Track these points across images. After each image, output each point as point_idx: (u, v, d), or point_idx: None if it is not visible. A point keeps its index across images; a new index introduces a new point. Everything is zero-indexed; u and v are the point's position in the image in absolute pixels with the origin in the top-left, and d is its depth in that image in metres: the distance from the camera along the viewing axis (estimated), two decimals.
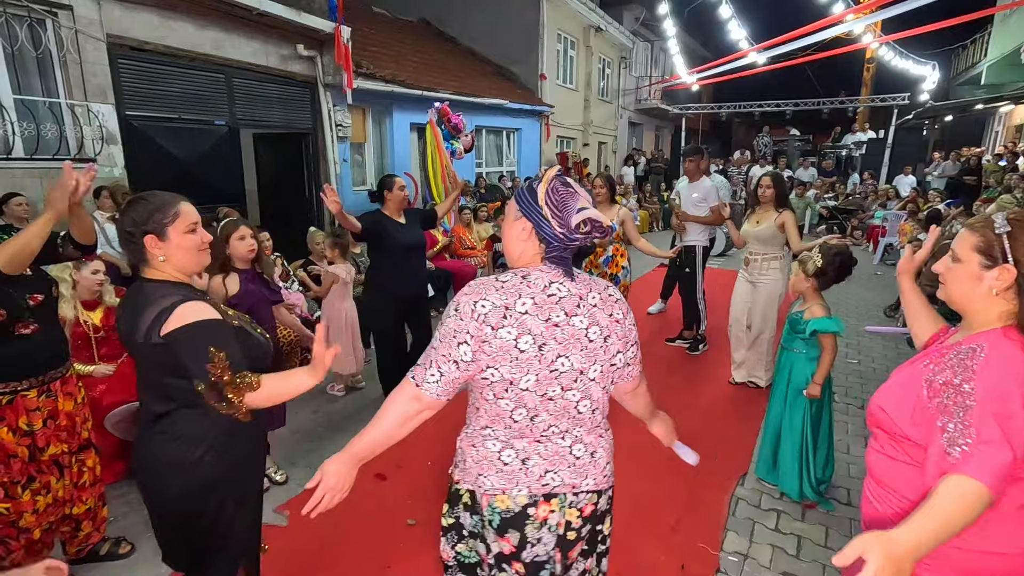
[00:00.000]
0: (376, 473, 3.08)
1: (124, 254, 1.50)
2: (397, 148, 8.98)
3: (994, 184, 9.27)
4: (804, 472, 2.83)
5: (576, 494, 1.37)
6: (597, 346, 1.32)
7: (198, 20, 5.63)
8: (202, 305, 1.42)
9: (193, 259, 1.52)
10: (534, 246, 1.34)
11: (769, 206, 3.93)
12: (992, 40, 13.98)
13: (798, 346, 2.82)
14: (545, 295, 1.28)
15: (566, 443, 1.36)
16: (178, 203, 1.49)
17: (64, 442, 2.13)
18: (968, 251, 1.18)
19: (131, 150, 5.23)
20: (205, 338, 1.37)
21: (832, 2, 12.39)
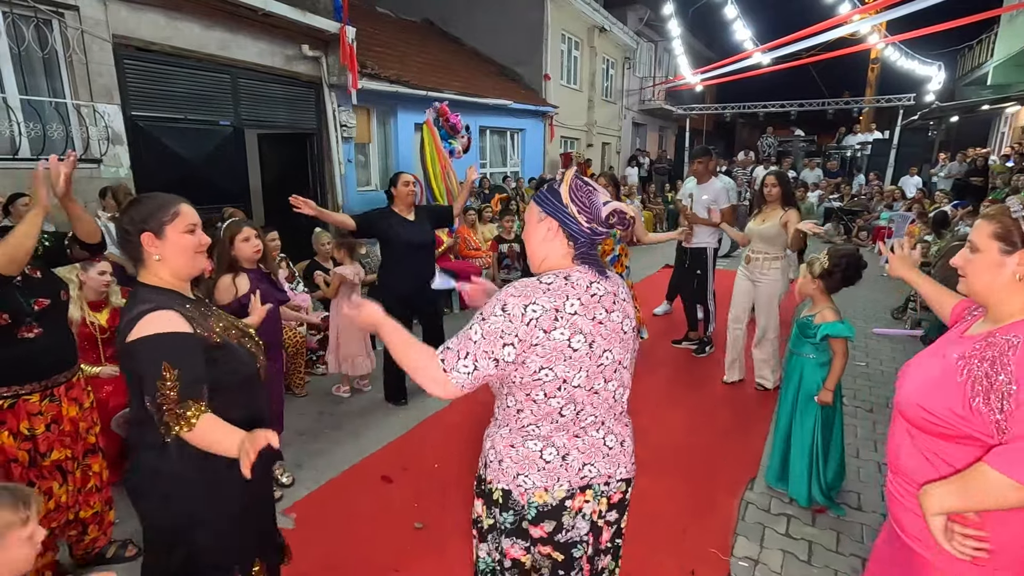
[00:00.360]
0: (382, 476, 3.07)
1: (123, 253, 1.47)
2: (401, 148, 8.98)
3: (1001, 185, 9.21)
4: (814, 477, 2.81)
5: (607, 483, 1.42)
6: (630, 337, 1.42)
7: (204, 20, 5.63)
8: (171, 315, 1.35)
9: (189, 261, 1.47)
10: (562, 246, 1.37)
11: (775, 205, 3.91)
12: (999, 40, 13.90)
13: (808, 350, 2.79)
14: (589, 295, 1.32)
15: (600, 435, 1.41)
16: (178, 203, 1.46)
17: (67, 447, 2.10)
18: (986, 239, 1.19)
19: (137, 150, 5.23)
20: (161, 352, 1.29)
21: (838, 2, 12.34)
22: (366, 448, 3.36)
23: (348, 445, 3.41)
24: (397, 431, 3.59)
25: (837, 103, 16.49)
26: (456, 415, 3.85)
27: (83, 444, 2.17)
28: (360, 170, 8.49)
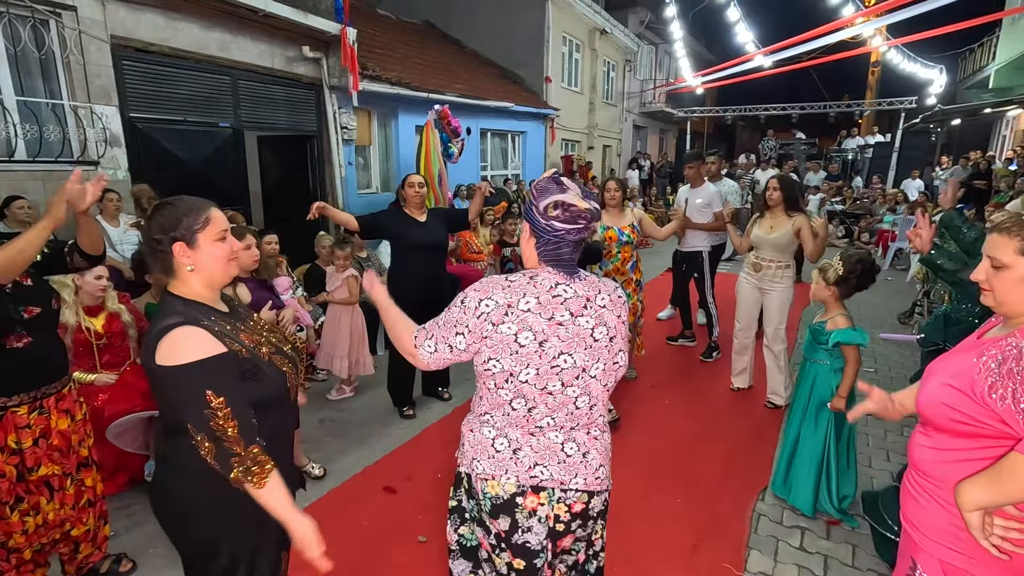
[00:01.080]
0: (385, 486, 2.99)
1: (151, 264, 1.37)
2: (403, 151, 8.91)
3: (1005, 188, 9.17)
4: (824, 487, 2.74)
5: (564, 490, 1.41)
6: (602, 345, 1.40)
7: (204, 21, 5.57)
8: (198, 333, 1.25)
9: (223, 269, 1.39)
10: (533, 245, 1.43)
11: (779, 210, 3.79)
12: (1000, 44, 13.89)
13: (821, 357, 2.74)
14: (550, 296, 1.37)
15: (558, 440, 1.41)
16: (208, 208, 1.37)
17: (57, 463, 2.02)
18: (1012, 255, 1.19)
19: (135, 152, 5.16)
20: (200, 380, 1.21)
21: (841, 5, 12.32)
22: (368, 457, 3.29)
23: (350, 454, 3.33)
24: (399, 440, 3.52)
25: (839, 106, 16.46)
26: (459, 424, 3.77)
27: (76, 458, 2.09)
28: (361, 172, 8.43)
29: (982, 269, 1.24)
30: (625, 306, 1.48)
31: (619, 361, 1.46)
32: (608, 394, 1.48)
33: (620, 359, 1.46)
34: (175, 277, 1.35)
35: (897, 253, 9.02)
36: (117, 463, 2.82)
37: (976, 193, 9.93)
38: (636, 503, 2.85)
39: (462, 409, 3.97)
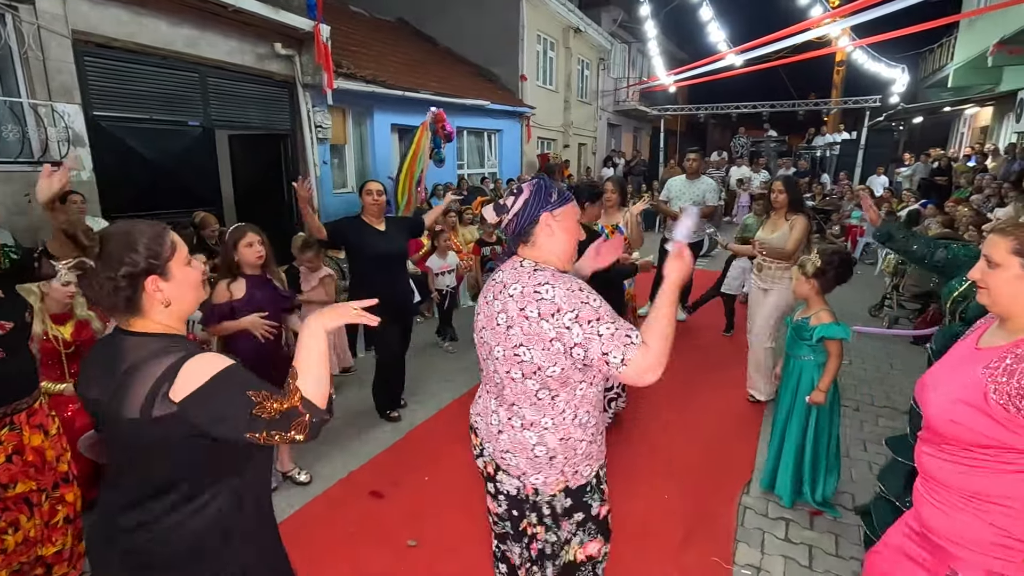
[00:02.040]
0: (371, 491, 2.95)
1: (110, 306, 1.14)
2: (378, 150, 8.81)
3: (965, 184, 9.51)
4: (807, 479, 2.80)
5: (483, 448, 1.66)
6: (501, 331, 1.50)
7: (170, 16, 5.39)
8: (211, 355, 1.13)
9: (195, 297, 1.24)
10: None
11: (782, 212, 3.81)
12: (958, 45, 14.40)
13: (804, 353, 2.78)
14: (491, 280, 1.62)
15: (491, 405, 1.62)
16: (167, 231, 1.19)
17: (32, 479, 1.93)
18: (1006, 255, 1.22)
19: (99, 152, 4.97)
20: (239, 385, 1.09)
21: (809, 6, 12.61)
22: (353, 462, 3.23)
23: (334, 459, 3.27)
24: (384, 444, 3.46)
25: (807, 104, 16.86)
26: (445, 426, 3.74)
27: (54, 474, 2.00)
28: (336, 172, 8.29)
29: (978, 268, 1.28)
30: (541, 304, 1.41)
31: (520, 355, 1.45)
32: (516, 385, 1.49)
33: (522, 354, 1.44)
34: (141, 315, 1.15)
35: (866, 247, 9.27)
36: (90, 477, 2.70)
37: (937, 189, 10.29)
38: (624, 500, 2.86)
39: (444, 411, 3.94)
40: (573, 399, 1.51)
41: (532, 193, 1.53)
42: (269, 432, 1.07)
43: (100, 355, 1.18)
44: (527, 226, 1.52)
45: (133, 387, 1.07)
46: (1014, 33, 9.35)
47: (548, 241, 1.53)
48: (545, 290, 1.42)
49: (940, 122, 17.77)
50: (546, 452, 1.52)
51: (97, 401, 1.13)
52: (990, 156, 11.13)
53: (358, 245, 3.53)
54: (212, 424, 1.07)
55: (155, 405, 1.05)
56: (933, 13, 10.40)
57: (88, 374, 1.18)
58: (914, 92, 18.60)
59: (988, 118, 13.94)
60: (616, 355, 1.34)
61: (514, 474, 1.58)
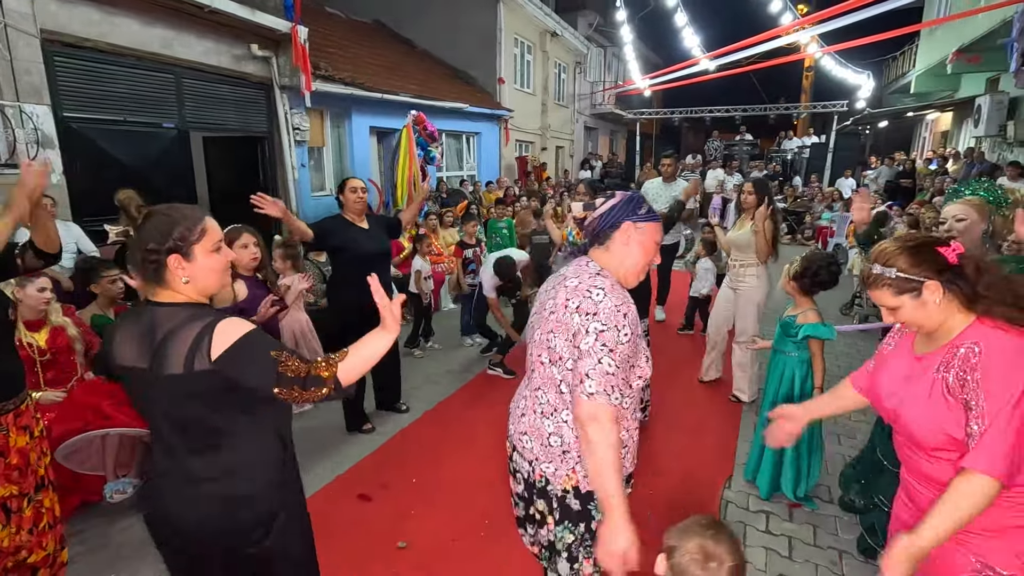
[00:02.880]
0: (359, 494, 2.94)
1: (141, 273, 1.30)
2: (357, 152, 8.75)
3: (927, 186, 9.89)
4: (788, 473, 2.89)
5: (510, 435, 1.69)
6: (545, 316, 1.55)
7: (143, 16, 5.29)
8: (238, 319, 1.29)
9: (218, 281, 1.38)
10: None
11: (752, 212, 3.87)
12: (920, 52, 14.95)
13: (789, 349, 2.88)
14: (554, 273, 1.70)
15: (520, 392, 1.70)
16: (204, 218, 1.34)
17: (15, 483, 1.89)
18: (892, 299, 1.33)
19: (70, 154, 4.85)
20: (263, 345, 1.25)
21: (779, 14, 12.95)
22: (340, 465, 3.22)
23: (320, 463, 3.25)
24: (370, 446, 3.45)
25: (778, 108, 17.28)
26: (431, 427, 3.75)
27: (34, 478, 1.96)
28: (314, 174, 8.21)
29: (886, 313, 1.38)
30: (582, 298, 1.44)
31: (549, 340, 1.49)
32: (544, 370, 1.54)
33: (551, 341, 1.49)
34: (167, 287, 1.30)
35: (836, 248, 9.55)
36: (68, 486, 2.64)
37: (903, 191, 10.67)
38: None
39: (430, 413, 3.95)
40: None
41: (623, 200, 1.57)
42: (290, 388, 1.22)
43: (133, 326, 1.30)
44: (607, 229, 1.55)
45: (174, 348, 1.22)
46: (972, 42, 9.76)
47: (622, 249, 1.55)
48: (596, 293, 1.44)
49: (903, 126, 18.40)
50: (560, 444, 1.53)
51: (134, 369, 1.28)
52: (951, 160, 11.59)
53: (343, 244, 3.50)
54: (244, 376, 1.23)
55: (195, 361, 1.20)
56: (896, 22, 10.81)
57: (124, 345, 1.30)
58: (879, 97, 19.22)
59: (948, 123, 14.49)
60: (591, 386, 1.36)
61: (527, 457, 1.60)
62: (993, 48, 9.10)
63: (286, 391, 1.22)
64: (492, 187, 11.04)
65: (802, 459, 2.88)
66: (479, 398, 4.20)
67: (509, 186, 11.07)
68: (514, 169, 13.72)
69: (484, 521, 2.73)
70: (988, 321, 1.27)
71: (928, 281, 1.28)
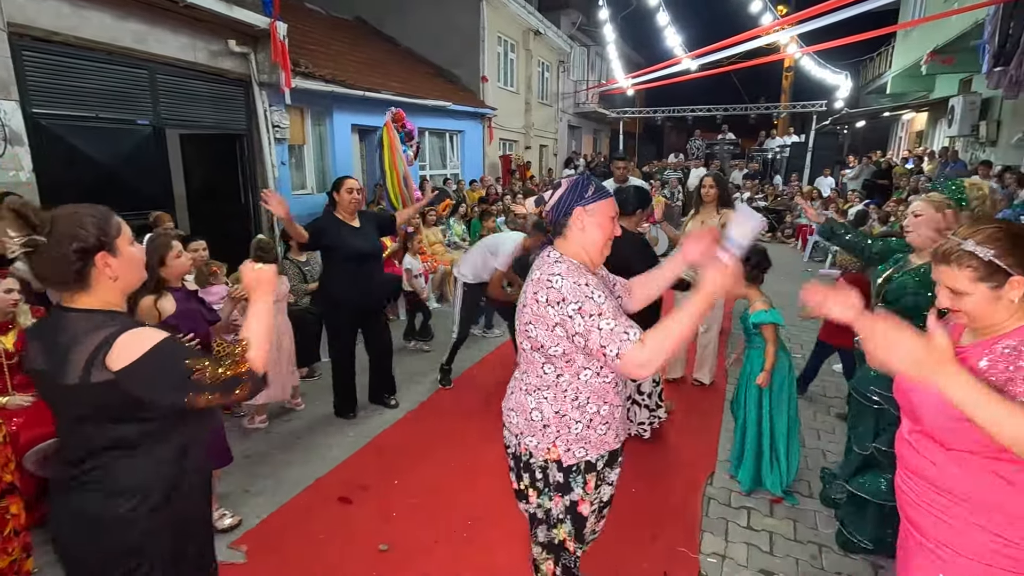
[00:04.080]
0: (340, 496, 2.90)
1: (59, 279, 1.24)
2: (338, 150, 8.65)
3: (904, 185, 10.08)
4: (767, 466, 2.92)
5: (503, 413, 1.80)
6: (520, 307, 1.66)
7: (116, 10, 5.15)
8: (148, 329, 1.24)
9: (139, 275, 1.35)
10: None
11: (712, 206, 4.06)
12: (896, 53, 15.23)
13: (756, 342, 2.95)
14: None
15: (515, 371, 1.80)
16: (112, 213, 1.30)
17: None
18: (968, 284, 1.19)
19: (40, 152, 4.70)
20: (174, 357, 1.19)
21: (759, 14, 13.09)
22: (319, 468, 3.17)
23: (299, 466, 3.20)
24: (350, 448, 3.41)
25: (758, 108, 17.48)
26: (414, 427, 3.72)
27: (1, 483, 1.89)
28: (295, 173, 8.10)
29: (945, 297, 1.25)
30: (548, 291, 1.54)
31: (528, 331, 1.61)
32: (526, 355, 1.67)
33: (531, 331, 1.59)
34: (89, 291, 1.25)
35: (815, 246, 9.69)
36: (36, 493, 2.56)
37: (880, 190, 10.86)
38: None
39: (411, 414, 3.91)
40: (575, 381, 1.61)
41: (568, 187, 1.62)
42: (211, 395, 1.19)
43: (43, 329, 1.28)
44: (562, 218, 1.62)
45: (74, 355, 1.17)
46: (945, 44, 9.96)
47: (579, 235, 1.61)
48: (555, 280, 1.54)
49: (880, 126, 18.73)
50: (541, 419, 1.64)
51: (41, 372, 1.24)
52: (926, 159, 11.82)
53: (335, 243, 3.48)
54: (149, 392, 1.19)
55: (92, 372, 1.16)
56: (873, 23, 11.00)
57: (33, 347, 1.27)
58: (856, 98, 19.55)
59: (923, 123, 14.79)
60: (612, 348, 1.43)
61: (513, 431, 1.73)
62: (966, 49, 9.29)
63: (207, 398, 1.19)
64: (476, 185, 11.00)
65: (777, 448, 2.92)
66: (462, 399, 4.17)
67: (492, 184, 11.04)
68: (498, 167, 13.69)
69: (467, 522, 2.71)
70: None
71: (1018, 277, 1.15)
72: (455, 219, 7.72)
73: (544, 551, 1.85)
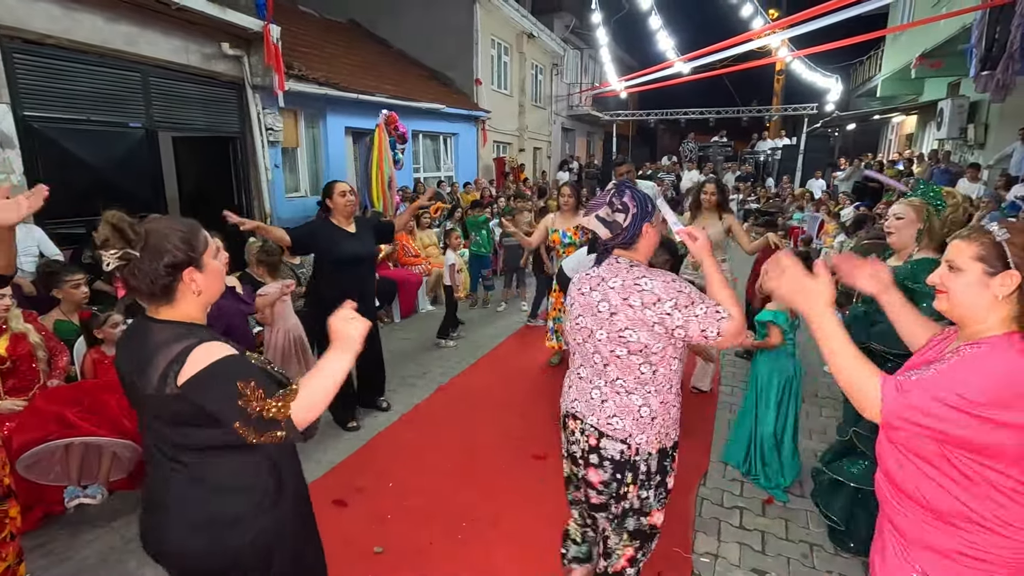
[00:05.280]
0: (334, 499, 2.90)
1: (148, 293, 1.25)
2: (332, 153, 8.65)
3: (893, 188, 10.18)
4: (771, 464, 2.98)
5: (584, 422, 1.85)
6: (604, 317, 1.75)
7: (107, 13, 5.14)
8: (218, 344, 1.24)
9: (220, 286, 1.37)
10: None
11: (712, 211, 4.11)
12: (885, 57, 15.39)
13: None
14: (586, 276, 1.87)
15: (588, 385, 1.86)
16: (199, 227, 1.32)
17: None
18: (968, 261, 1.20)
19: (31, 155, 4.68)
20: (229, 375, 1.19)
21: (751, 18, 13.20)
22: (314, 471, 3.16)
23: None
24: (344, 452, 3.41)
25: (751, 111, 17.61)
26: (408, 431, 3.72)
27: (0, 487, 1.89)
28: (288, 175, 8.09)
29: (938, 273, 1.27)
30: (643, 295, 1.67)
31: (626, 336, 1.71)
32: (621, 362, 1.75)
33: (628, 336, 1.70)
34: (173, 304, 1.28)
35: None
36: (30, 498, 2.55)
37: (871, 192, 10.96)
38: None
39: (407, 417, 3.91)
40: (669, 372, 1.79)
41: (639, 211, 1.76)
42: (245, 427, 1.17)
43: (130, 337, 1.32)
44: (635, 235, 1.77)
45: (152, 366, 1.20)
46: (934, 48, 10.08)
47: (645, 244, 1.81)
48: (644, 283, 1.70)
49: (870, 129, 18.91)
50: (649, 413, 1.78)
51: (125, 376, 1.28)
52: (915, 162, 11.95)
53: (328, 249, 3.45)
54: (210, 405, 1.19)
55: (167, 384, 1.19)
56: (863, 28, 11.11)
57: (121, 353, 1.33)
58: (847, 101, 19.74)
59: (913, 126, 14.94)
60: (712, 330, 1.63)
61: (619, 437, 1.79)
62: (954, 53, 9.40)
63: (242, 428, 1.17)
64: (470, 188, 11.03)
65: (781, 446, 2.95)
66: (456, 400, 4.18)
67: (486, 187, 11.06)
68: (492, 170, 13.71)
69: (462, 523, 2.72)
70: (1018, 337, 1.16)
71: (1013, 271, 1.15)
72: (452, 222, 7.73)
73: (631, 538, 1.94)
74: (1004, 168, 8.43)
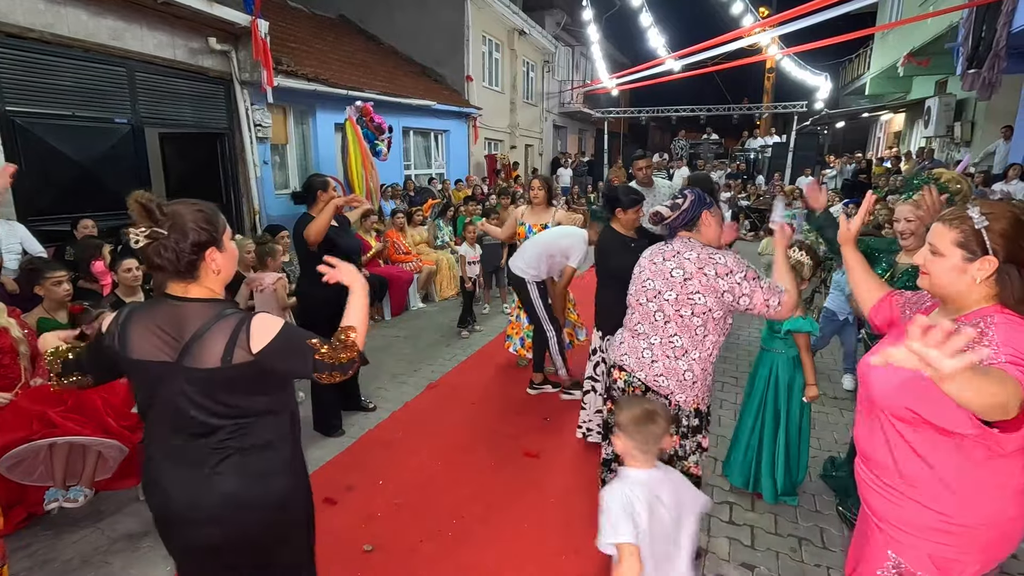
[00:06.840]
0: (324, 498, 2.87)
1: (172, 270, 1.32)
2: (321, 149, 8.59)
3: (882, 185, 10.27)
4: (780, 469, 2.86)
5: (632, 376, 2.21)
6: (677, 281, 2.09)
7: (91, 7, 5.07)
8: (267, 315, 1.38)
9: (235, 267, 1.46)
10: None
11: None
12: (873, 55, 15.51)
13: (778, 346, 2.87)
14: (659, 249, 2.24)
15: (642, 344, 2.21)
16: (218, 211, 1.41)
17: None
18: (948, 246, 1.24)
19: (13, 150, 4.62)
20: (300, 336, 1.36)
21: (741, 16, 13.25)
22: None
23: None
24: (335, 449, 3.39)
25: (741, 108, 17.69)
26: (398, 428, 3.70)
27: None
28: (277, 172, 8.02)
29: (922, 254, 1.30)
30: (720, 267, 2.01)
31: (695, 299, 2.04)
32: (683, 320, 2.08)
33: (696, 298, 2.04)
34: (196, 281, 1.35)
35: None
36: (12, 498, 2.51)
37: (861, 188, 11.06)
38: (583, 493, 2.93)
39: (396, 415, 3.90)
40: (717, 341, 2.12)
41: (696, 201, 2.14)
42: (331, 372, 1.35)
43: (152, 321, 1.34)
44: (693, 220, 2.14)
45: (210, 343, 1.29)
46: (921, 46, 10.17)
47: (707, 229, 2.17)
48: (718, 257, 2.05)
49: (859, 127, 19.08)
50: (692, 377, 2.12)
51: (150, 363, 1.32)
52: (903, 159, 12.06)
53: (329, 244, 3.40)
54: (287, 366, 1.35)
55: (234, 355, 1.29)
56: (851, 26, 11.19)
57: (141, 340, 1.33)
58: (836, 99, 19.88)
59: (901, 123, 15.09)
60: (774, 300, 1.98)
61: (663, 393, 2.14)
62: (941, 52, 9.50)
63: (330, 375, 1.35)
64: (461, 185, 10.99)
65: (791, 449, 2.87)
66: (447, 399, 4.17)
67: (477, 184, 11.03)
68: (483, 167, 13.68)
69: (452, 521, 2.71)
70: (1006, 310, 1.20)
71: (991, 257, 1.18)
72: (443, 221, 7.69)
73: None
74: (989, 165, 8.52)
